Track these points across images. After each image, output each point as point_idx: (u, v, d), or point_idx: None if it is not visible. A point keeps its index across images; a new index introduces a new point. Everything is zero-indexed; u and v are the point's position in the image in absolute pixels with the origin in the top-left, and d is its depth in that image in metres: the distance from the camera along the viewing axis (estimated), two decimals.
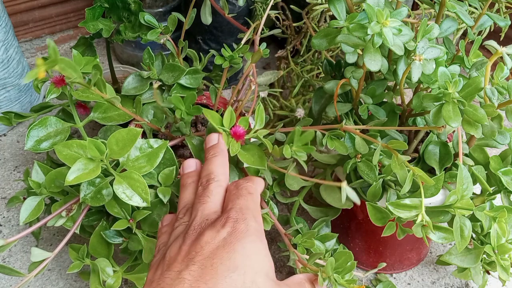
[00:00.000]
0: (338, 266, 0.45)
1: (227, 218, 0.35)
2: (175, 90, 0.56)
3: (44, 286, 0.66)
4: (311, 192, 0.62)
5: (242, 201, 0.37)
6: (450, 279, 0.69)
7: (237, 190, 0.39)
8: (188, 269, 0.31)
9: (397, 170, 0.45)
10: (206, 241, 0.33)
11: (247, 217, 0.35)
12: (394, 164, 0.45)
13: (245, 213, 0.36)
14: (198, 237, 0.34)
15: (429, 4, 0.49)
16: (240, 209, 0.36)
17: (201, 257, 0.32)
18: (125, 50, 0.97)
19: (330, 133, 0.49)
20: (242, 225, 0.34)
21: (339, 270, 0.45)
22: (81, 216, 0.50)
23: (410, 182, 0.45)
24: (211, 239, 0.33)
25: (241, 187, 0.39)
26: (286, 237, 0.54)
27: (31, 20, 0.98)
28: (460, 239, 0.45)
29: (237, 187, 0.39)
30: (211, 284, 0.30)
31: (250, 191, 0.39)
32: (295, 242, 0.54)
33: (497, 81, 0.46)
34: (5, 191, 0.77)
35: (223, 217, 0.35)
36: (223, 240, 0.33)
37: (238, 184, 0.40)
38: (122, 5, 0.59)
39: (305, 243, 0.54)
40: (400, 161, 0.44)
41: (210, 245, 0.33)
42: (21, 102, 0.85)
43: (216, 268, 0.31)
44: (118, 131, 0.46)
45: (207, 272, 0.31)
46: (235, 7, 0.84)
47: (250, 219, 0.35)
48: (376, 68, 0.43)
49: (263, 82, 0.54)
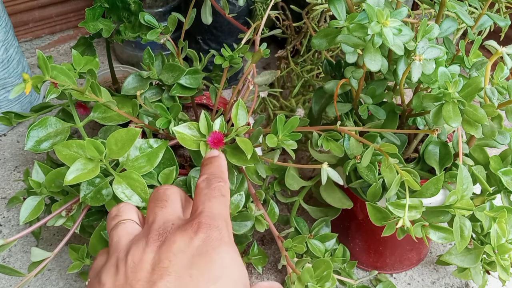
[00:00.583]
0: (318, 275, 0.45)
1: (199, 224, 0.32)
2: (175, 90, 0.56)
3: (44, 286, 0.66)
4: (311, 192, 0.62)
5: (214, 205, 0.34)
6: (450, 279, 0.68)
7: (209, 190, 0.35)
8: (163, 280, 0.29)
9: (386, 173, 0.45)
10: (179, 249, 0.30)
11: (219, 224, 0.33)
12: (383, 167, 0.45)
13: (218, 219, 0.33)
14: (166, 242, 0.31)
15: (429, 4, 0.49)
16: (212, 214, 0.33)
17: (176, 267, 0.30)
18: (125, 50, 0.97)
19: (326, 134, 0.49)
20: (216, 232, 0.32)
21: (318, 279, 0.45)
22: (81, 216, 0.50)
23: (397, 185, 0.45)
24: (184, 246, 0.31)
25: (213, 186, 0.36)
26: (279, 240, 0.54)
27: (31, 20, 0.98)
28: (460, 239, 0.45)
29: (209, 186, 0.36)
30: None
31: (223, 193, 0.36)
32: (286, 246, 0.54)
33: (497, 81, 0.46)
34: (5, 191, 0.77)
35: (194, 221, 0.32)
36: (198, 249, 0.31)
37: (210, 183, 0.36)
38: (122, 5, 0.59)
39: (296, 248, 0.53)
40: (389, 164, 0.44)
41: (185, 254, 0.30)
42: (21, 102, 0.85)
43: (196, 280, 0.29)
44: (117, 131, 0.46)
45: (186, 283, 0.29)
46: (235, 7, 0.84)
47: (223, 227, 0.33)
48: (376, 68, 0.43)
49: (261, 82, 0.54)
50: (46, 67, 0.39)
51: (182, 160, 0.59)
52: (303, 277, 0.42)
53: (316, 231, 0.60)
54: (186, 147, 0.45)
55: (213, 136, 0.45)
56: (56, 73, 0.43)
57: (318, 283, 0.45)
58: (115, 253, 0.33)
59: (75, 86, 0.39)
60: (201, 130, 0.46)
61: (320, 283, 0.45)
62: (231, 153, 0.47)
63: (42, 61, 0.33)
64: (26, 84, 0.31)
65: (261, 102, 0.86)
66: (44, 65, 0.36)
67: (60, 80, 0.35)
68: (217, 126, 0.47)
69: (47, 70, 0.37)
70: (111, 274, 0.31)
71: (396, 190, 0.45)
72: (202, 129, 0.46)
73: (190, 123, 0.46)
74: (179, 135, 0.45)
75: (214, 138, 0.45)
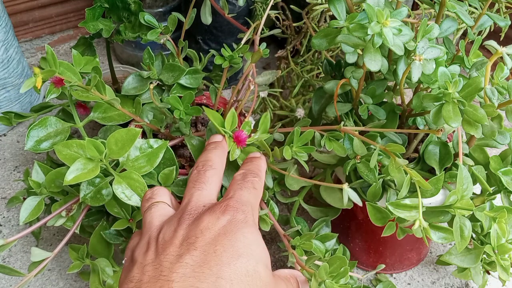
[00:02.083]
0: (333, 271, 0.45)
1: (227, 206, 0.34)
2: (175, 90, 0.56)
3: (44, 286, 0.66)
4: (311, 192, 0.62)
5: (244, 193, 0.37)
6: (450, 279, 0.68)
7: (243, 182, 0.38)
8: (189, 254, 0.31)
9: (394, 174, 0.45)
10: (206, 227, 0.32)
11: (246, 209, 0.35)
12: (392, 167, 0.45)
13: (245, 205, 0.35)
14: (195, 222, 0.33)
15: (429, 4, 0.49)
16: (241, 200, 0.35)
17: (202, 242, 0.31)
18: (125, 50, 0.97)
19: (329, 134, 0.49)
20: (241, 215, 0.34)
21: (333, 275, 0.45)
22: (81, 216, 0.50)
23: (407, 186, 0.45)
24: (211, 225, 0.32)
25: (248, 179, 0.38)
26: (285, 238, 0.54)
27: (31, 20, 0.98)
28: (460, 239, 0.45)
29: (244, 179, 0.38)
30: (216, 270, 0.30)
31: (256, 187, 0.38)
32: (294, 244, 0.54)
33: (497, 81, 0.46)
34: (5, 191, 0.77)
35: (223, 204, 0.34)
36: (223, 228, 0.32)
37: (246, 176, 0.39)
38: (122, 5, 0.59)
39: (304, 245, 0.53)
40: (398, 165, 0.44)
41: (211, 231, 0.32)
42: (21, 102, 0.85)
43: (220, 255, 0.31)
44: (117, 131, 0.46)
45: (210, 258, 0.30)
46: (235, 7, 0.84)
47: (249, 212, 0.35)
48: (376, 68, 0.43)
49: (262, 82, 0.54)
50: (54, 62, 0.39)
51: (182, 160, 0.59)
52: (320, 274, 0.42)
53: (316, 231, 0.60)
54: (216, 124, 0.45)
55: (239, 134, 0.46)
56: (63, 69, 0.43)
57: (334, 279, 0.45)
58: (148, 232, 0.35)
59: (80, 83, 0.39)
60: (226, 126, 0.46)
61: (335, 279, 0.44)
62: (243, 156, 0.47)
63: (51, 55, 0.34)
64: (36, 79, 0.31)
65: (261, 102, 0.86)
66: (52, 60, 0.36)
67: (67, 76, 0.35)
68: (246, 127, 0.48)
69: (55, 65, 0.37)
70: (143, 251, 0.33)
71: (407, 191, 0.45)
72: (227, 125, 0.47)
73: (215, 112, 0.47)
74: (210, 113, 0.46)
75: (239, 136, 0.46)
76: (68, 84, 0.41)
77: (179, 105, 0.51)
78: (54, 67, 0.38)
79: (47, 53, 0.36)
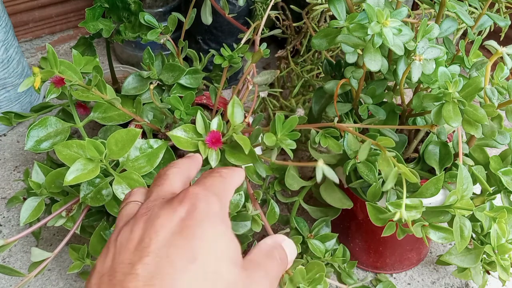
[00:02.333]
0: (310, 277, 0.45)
1: (186, 193, 0.30)
2: (175, 90, 0.56)
3: (44, 286, 0.66)
4: (311, 192, 0.62)
5: (208, 180, 0.32)
6: (450, 279, 0.68)
7: (208, 173, 0.34)
8: (141, 262, 0.27)
9: (383, 167, 0.45)
10: (161, 224, 0.28)
11: (209, 194, 0.30)
12: (381, 160, 0.44)
13: (208, 190, 0.31)
14: (151, 219, 0.29)
15: (429, 4, 0.49)
16: (204, 185, 0.31)
17: (155, 245, 0.27)
18: (125, 50, 0.97)
19: (324, 131, 0.49)
20: (203, 203, 0.29)
21: (310, 281, 0.45)
22: (81, 216, 0.50)
23: (394, 178, 0.44)
24: (166, 221, 0.29)
25: (215, 170, 0.34)
26: None
27: (31, 20, 0.98)
28: (460, 239, 0.45)
29: (211, 171, 0.34)
30: (168, 282, 0.26)
31: (223, 175, 0.34)
32: None
33: (497, 81, 0.46)
34: (5, 191, 0.77)
35: (181, 193, 0.30)
36: (180, 223, 0.28)
37: (213, 169, 0.35)
38: (122, 5, 0.59)
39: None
40: (386, 158, 0.43)
41: (166, 229, 0.28)
42: (21, 102, 0.85)
43: (173, 260, 0.27)
44: (117, 131, 0.46)
45: (163, 265, 0.27)
46: (235, 7, 0.84)
47: (212, 197, 0.30)
48: (376, 68, 0.43)
49: (260, 82, 0.54)
50: (55, 61, 0.39)
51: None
52: (295, 278, 0.42)
53: (316, 231, 0.60)
54: (183, 149, 0.45)
55: (211, 135, 0.45)
56: (64, 68, 0.43)
57: (310, 285, 0.44)
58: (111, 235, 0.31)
59: (81, 82, 0.39)
60: (198, 130, 0.46)
61: (312, 285, 0.44)
62: (229, 152, 0.47)
63: (52, 54, 0.33)
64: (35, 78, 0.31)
65: (261, 102, 0.86)
66: (53, 59, 0.36)
67: (67, 75, 0.35)
68: (214, 126, 0.46)
69: (56, 64, 0.37)
70: (102, 258, 0.29)
71: (393, 184, 0.44)
72: (199, 129, 0.46)
73: (185, 126, 0.46)
74: (175, 138, 0.45)
75: (212, 137, 0.45)
76: (69, 83, 0.41)
77: (180, 105, 0.51)
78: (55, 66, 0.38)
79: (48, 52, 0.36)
